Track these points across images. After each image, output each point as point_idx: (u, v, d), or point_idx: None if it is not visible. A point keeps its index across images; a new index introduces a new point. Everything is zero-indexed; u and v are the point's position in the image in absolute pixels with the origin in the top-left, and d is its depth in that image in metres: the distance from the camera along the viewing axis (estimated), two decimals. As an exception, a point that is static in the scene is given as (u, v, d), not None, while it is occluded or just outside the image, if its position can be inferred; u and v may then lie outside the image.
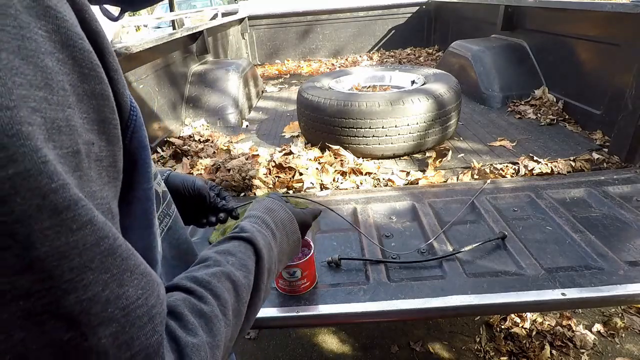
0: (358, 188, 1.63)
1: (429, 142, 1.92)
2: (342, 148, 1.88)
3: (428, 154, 1.94)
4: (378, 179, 1.70)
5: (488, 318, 1.71)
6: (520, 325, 1.64)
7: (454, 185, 1.55)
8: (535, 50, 2.63)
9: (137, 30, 10.91)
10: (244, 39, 4.66)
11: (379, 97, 1.84)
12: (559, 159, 1.66)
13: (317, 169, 1.76)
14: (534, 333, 1.61)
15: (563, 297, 0.94)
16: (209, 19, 4.38)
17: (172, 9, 3.48)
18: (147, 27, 10.04)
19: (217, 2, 10.25)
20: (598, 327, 1.62)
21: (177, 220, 0.56)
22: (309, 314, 0.96)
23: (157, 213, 0.49)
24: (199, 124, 2.56)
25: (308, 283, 1.01)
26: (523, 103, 2.51)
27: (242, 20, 4.53)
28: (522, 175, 1.62)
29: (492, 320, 1.69)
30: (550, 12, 2.40)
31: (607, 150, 1.76)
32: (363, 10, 4.71)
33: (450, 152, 1.92)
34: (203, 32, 2.92)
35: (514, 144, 1.96)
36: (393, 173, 1.73)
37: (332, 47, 4.91)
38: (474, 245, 1.12)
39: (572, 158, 1.67)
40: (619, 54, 1.83)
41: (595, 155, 1.69)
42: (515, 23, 2.86)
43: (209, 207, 0.75)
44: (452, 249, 1.14)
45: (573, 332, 1.58)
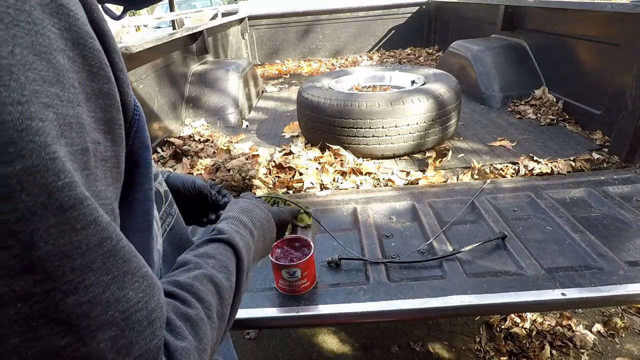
0: (358, 188, 1.63)
1: (429, 142, 1.92)
2: (342, 148, 1.88)
3: (428, 154, 1.94)
4: (378, 179, 1.69)
5: (488, 318, 1.71)
6: (520, 325, 1.64)
7: (454, 185, 1.55)
8: (535, 50, 2.63)
9: (137, 30, 10.93)
10: (244, 39, 4.66)
11: (379, 97, 1.84)
12: (559, 159, 1.66)
13: (317, 169, 1.76)
14: (534, 333, 1.61)
15: (563, 297, 0.94)
16: (209, 19, 4.38)
17: (172, 9, 3.49)
18: (147, 27, 10.05)
19: (217, 2, 10.25)
20: (598, 327, 1.62)
21: (179, 220, 0.56)
22: (309, 314, 0.96)
23: (160, 213, 0.49)
24: (199, 124, 2.56)
25: (308, 283, 1.01)
26: (523, 103, 2.51)
27: (242, 20, 4.53)
28: (522, 175, 1.62)
29: (492, 320, 1.69)
30: (550, 12, 2.40)
31: (607, 150, 1.76)
32: (363, 10, 4.71)
33: (450, 152, 1.92)
34: (203, 32, 2.92)
35: (514, 144, 1.96)
36: (393, 173, 1.73)
37: (332, 47, 4.91)
38: (474, 245, 1.11)
39: (572, 158, 1.67)
40: (619, 54, 1.83)
41: (595, 155, 1.69)
42: (515, 23, 2.86)
43: (211, 205, 0.75)
44: (452, 249, 1.14)
45: (573, 332, 1.58)
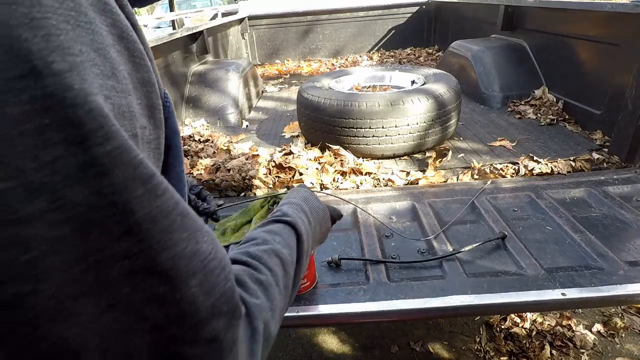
0: (358, 188, 1.63)
1: (429, 142, 1.92)
2: (342, 148, 1.88)
3: (428, 154, 1.94)
4: (378, 179, 1.69)
5: (488, 318, 1.71)
6: (520, 325, 1.64)
7: (454, 185, 1.55)
8: (535, 50, 2.63)
9: (137, 30, 10.91)
10: (244, 39, 4.66)
11: (379, 97, 1.84)
12: (559, 159, 1.66)
13: (317, 169, 1.76)
14: (534, 333, 1.61)
15: (563, 297, 0.94)
16: (209, 19, 4.38)
17: (172, 9, 3.48)
18: (147, 27, 10.04)
19: (217, 2, 10.25)
20: (598, 327, 1.62)
21: None
22: (309, 314, 0.96)
23: None
24: (199, 124, 2.55)
25: (308, 283, 1.01)
26: (523, 103, 2.51)
27: (242, 20, 4.53)
28: (522, 175, 1.62)
29: (492, 320, 1.69)
30: (550, 12, 2.40)
31: (607, 150, 1.76)
32: (363, 10, 4.70)
33: (450, 152, 1.92)
34: (203, 32, 2.92)
35: (514, 144, 1.96)
36: (393, 173, 1.73)
37: (332, 47, 4.91)
38: (474, 245, 1.11)
39: (572, 158, 1.67)
40: (619, 54, 1.83)
41: (595, 155, 1.69)
42: (515, 23, 2.85)
43: None
44: (452, 249, 1.14)
45: (573, 332, 1.58)
